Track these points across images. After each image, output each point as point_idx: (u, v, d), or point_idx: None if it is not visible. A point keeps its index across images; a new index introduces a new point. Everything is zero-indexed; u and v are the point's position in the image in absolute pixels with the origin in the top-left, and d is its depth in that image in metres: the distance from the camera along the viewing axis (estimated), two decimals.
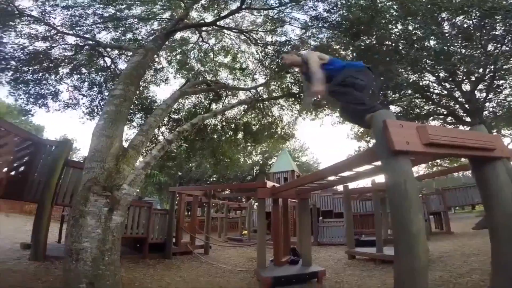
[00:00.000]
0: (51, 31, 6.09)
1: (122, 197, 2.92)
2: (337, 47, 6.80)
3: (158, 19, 7.48)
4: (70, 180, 4.71)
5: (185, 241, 7.62)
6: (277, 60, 7.27)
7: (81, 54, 6.87)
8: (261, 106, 9.12)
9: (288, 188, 4.87)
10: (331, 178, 3.38)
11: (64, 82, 7.10)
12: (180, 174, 23.47)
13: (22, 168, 4.45)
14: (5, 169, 4.05)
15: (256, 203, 8.44)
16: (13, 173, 4.29)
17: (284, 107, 9.37)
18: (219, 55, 9.18)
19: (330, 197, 13.15)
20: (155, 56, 6.78)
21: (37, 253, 4.16)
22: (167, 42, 7.10)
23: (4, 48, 5.73)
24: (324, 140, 69.08)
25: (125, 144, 3.66)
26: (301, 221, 5.26)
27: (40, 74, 6.52)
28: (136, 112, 8.13)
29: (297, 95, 8.03)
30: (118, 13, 6.61)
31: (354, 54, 6.52)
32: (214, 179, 24.45)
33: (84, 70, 7.18)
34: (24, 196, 4.44)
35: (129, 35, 7.19)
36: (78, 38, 6.35)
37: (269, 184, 5.74)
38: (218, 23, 7.11)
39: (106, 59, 7.04)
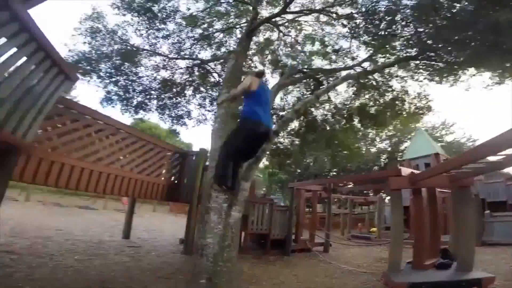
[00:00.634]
0: (165, 60, 7.50)
1: (240, 193, 2.96)
2: None
3: (238, 27, 7.79)
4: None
5: (304, 238, 7.43)
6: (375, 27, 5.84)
7: (194, 75, 8.07)
8: (374, 83, 7.65)
9: (435, 174, 3.62)
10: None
11: (192, 102, 8.61)
12: (299, 171, 23.89)
13: (176, 175, 5.60)
14: (166, 177, 5.21)
15: (389, 197, 7.05)
16: (171, 179, 5.46)
17: (405, 78, 7.43)
18: (306, 44, 8.58)
19: (501, 184, 9.49)
20: (247, 59, 7.14)
21: (187, 248, 4.99)
22: (254, 46, 7.40)
23: (142, 81, 7.54)
24: (477, 109, 51.68)
25: None
26: (457, 216, 3.90)
27: (174, 98, 8.18)
28: None
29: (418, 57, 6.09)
30: (205, 32, 7.32)
31: None
32: (334, 173, 23.18)
33: (202, 89, 8.43)
34: (179, 198, 5.54)
35: (223, 49, 7.85)
36: (186, 61, 7.52)
37: (405, 171, 4.57)
38: (288, 9, 6.57)
39: (214, 74, 8.00)
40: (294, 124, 9.21)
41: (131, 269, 3.75)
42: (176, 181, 5.52)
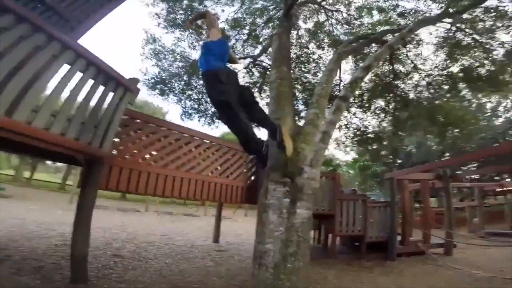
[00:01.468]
0: None
1: (305, 182, 2.32)
2: None
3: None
4: None
5: (415, 239, 5.91)
6: None
7: (254, 76, 7.80)
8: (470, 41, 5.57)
9: None
10: None
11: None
12: (399, 161, 20.34)
13: (253, 177, 5.39)
14: (243, 179, 5.06)
15: None
16: (249, 181, 5.27)
17: None
18: (363, 17, 7.04)
19: None
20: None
21: None
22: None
23: None
24: None
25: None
26: None
27: None
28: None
29: None
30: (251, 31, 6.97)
31: None
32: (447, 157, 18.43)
33: (266, 87, 8.11)
34: (256, 200, 5.24)
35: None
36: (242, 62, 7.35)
37: None
38: None
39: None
40: (379, 103, 7.68)
41: (209, 274, 3.64)
42: (253, 183, 5.30)
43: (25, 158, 18.56)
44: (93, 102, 2.63)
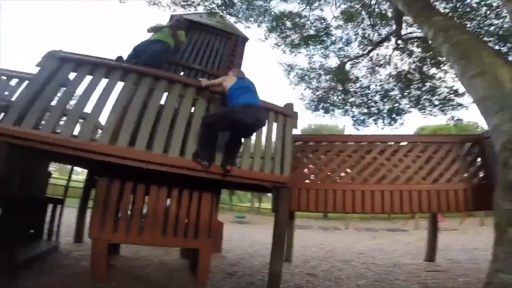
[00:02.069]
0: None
1: None
2: None
3: None
4: None
5: None
6: None
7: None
8: None
9: None
10: None
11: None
12: None
13: (479, 175, 3.79)
14: (464, 179, 3.60)
15: None
16: (473, 182, 3.73)
17: None
18: None
19: None
20: None
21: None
22: None
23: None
24: None
25: None
26: None
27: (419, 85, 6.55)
28: None
29: None
30: None
31: None
32: None
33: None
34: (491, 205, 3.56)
35: None
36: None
37: None
38: None
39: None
40: None
41: None
42: (481, 182, 3.68)
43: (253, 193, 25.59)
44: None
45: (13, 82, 2.84)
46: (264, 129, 2.94)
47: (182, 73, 4.29)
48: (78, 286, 2.48)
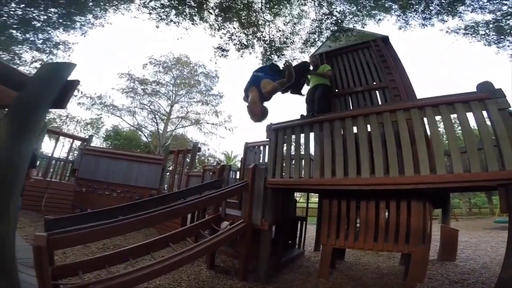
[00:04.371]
0: None
1: None
2: None
3: None
4: None
5: None
6: None
7: None
8: None
9: None
10: None
11: None
12: None
13: None
14: None
15: None
16: None
17: None
18: None
19: None
20: None
21: None
22: None
23: None
24: None
25: None
26: None
27: None
28: None
29: None
30: None
31: None
32: None
33: None
34: None
35: None
36: None
37: None
38: None
39: None
40: None
41: None
42: None
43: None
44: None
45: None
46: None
47: (350, 100, 4.79)
48: (308, 280, 3.46)
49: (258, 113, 2.74)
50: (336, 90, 5.00)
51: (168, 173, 7.39)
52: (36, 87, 1.32)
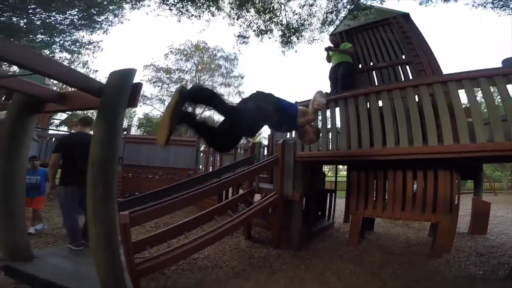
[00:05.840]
0: None
1: None
2: None
3: None
4: None
5: None
6: None
7: None
8: None
9: None
10: None
11: None
12: None
13: None
14: None
15: None
16: None
17: None
18: None
19: None
20: None
21: None
22: None
23: None
24: None
25: None
26: None
27: None
28: None
29: None
30: None
31: None
32: None
33: None
34: None
35: None
36: None
37: None
38: None
39: None
40: None
41: None
42: None
43: None
44: None
45: None
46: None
47: (375, 75, 4.80)
48: (338, 248, 3.70)
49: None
50: (360, 66, 5.01)
51: (202, 154, 7.89)
52: (114, 92, 1.67)
